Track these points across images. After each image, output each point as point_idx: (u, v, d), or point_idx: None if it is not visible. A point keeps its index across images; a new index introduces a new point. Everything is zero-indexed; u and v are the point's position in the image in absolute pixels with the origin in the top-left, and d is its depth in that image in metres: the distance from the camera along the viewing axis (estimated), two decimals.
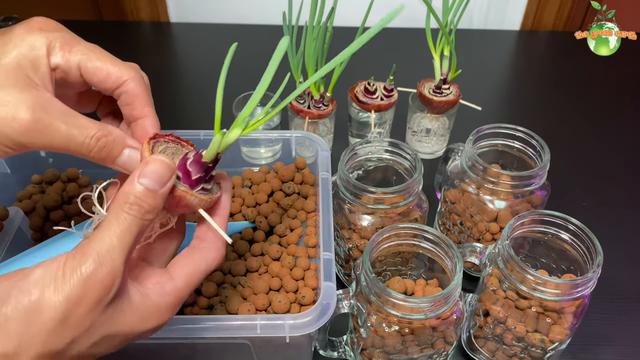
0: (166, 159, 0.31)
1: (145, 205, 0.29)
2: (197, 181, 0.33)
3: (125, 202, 0.29)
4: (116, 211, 0.29)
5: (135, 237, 0.29)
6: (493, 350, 0.50)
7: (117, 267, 0.28)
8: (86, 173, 0.62)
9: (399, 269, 0.53)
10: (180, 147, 0.35)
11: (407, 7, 0.33)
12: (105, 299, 0.28)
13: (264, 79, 0.33)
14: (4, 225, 0.53)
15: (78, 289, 0.27)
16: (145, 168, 0.30)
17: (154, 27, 1.08)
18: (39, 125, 0.31)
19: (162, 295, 0.31)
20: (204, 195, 0.34)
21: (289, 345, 0.45)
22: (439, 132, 0.74)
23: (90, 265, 0.27)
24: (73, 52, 0.33)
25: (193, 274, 0.33)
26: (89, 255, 0.28)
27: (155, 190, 0.30)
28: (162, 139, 0.34)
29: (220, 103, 0.33)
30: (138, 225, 0.29)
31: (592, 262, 0.45)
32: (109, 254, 0.28)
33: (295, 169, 0.61)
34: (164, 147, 0.34)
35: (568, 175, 0.74)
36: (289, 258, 0.53)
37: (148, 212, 0.30)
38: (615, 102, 0.89)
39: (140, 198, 0.29)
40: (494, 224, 0.55)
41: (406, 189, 0.51)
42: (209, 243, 0.35)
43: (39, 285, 0.27)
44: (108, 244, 0.28)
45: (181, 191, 0.32)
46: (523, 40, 1.07)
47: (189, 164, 0.33)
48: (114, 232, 0.29)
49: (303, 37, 0.63)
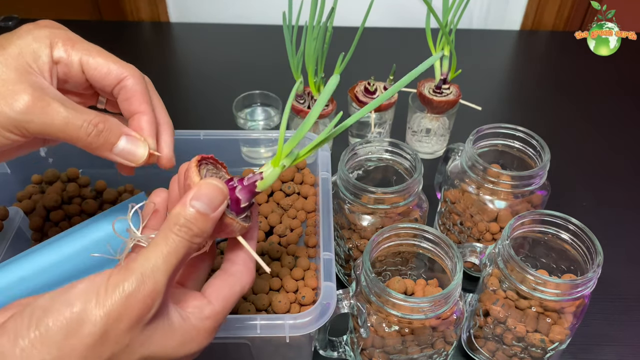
0: (219, 184, 0.31)
1: (195, 229, 0.29)
2: (244, 209, 0.34)
3: (175, 223, 0.29)
4: (165, 232, 0.29)
5: (180, 260, 0.29)
6: (493, 350, 0.50)
7: (160, 287, 0.28)
8: (86, 173, 0.62)
9: (399, 269, 0.53)
10: (218, 171, 0.35)
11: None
12: (146, 317, 0.28)
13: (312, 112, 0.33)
14: (4, 225, 0.53)
15: (119, 305, 0.27)
16: (199, 191, 0.30)
17: (154, 27, 1.08)
18: (39, 103, 0.32)
19: (202, 319, 0.31)
20: (245, 223, 0.34)
21: (289, 345, 0.45)
22: (439, 132, 0.74)
23: (133, 282, 0.27)
24: (76, 48, 0.35)
25: (229, 297, 0.33)
26: (132, 272, 0.28)
27: (207, 214, 0.30)
28: (204, 161, 0.34)
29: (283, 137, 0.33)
30: (185, 247, 0.29)
31: (592, 262, 0.45)
32: (152, 273, 0.28)
33: (295, 169, 0.61)
34: (206, 169, 0.34)
35: (568, 175, 0.74)
36: (289, 258, 0.53)
37: (197, 236, 0.30)
38: (616, 102, 0.89)
39: (191, 221, 0.29)
40: (494, 224, 0.55)
41: (406, 189, 0.51)
42: (241, 266, 0.34)
43: (81, 298, 0.27)
44: (153, 263, 0.28)
45: (229, 218, 0.32)
46: (523, 40, 1.07)
47: (239, 191, 0.33)
48: (160, 252, 0.29)
49: (303, 37, 0.63)
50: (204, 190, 0.30)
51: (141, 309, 0.27)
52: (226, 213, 0.32)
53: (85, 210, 0.57)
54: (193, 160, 0.33)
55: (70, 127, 0.32)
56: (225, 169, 0.36)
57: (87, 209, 0.57)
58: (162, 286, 0.28)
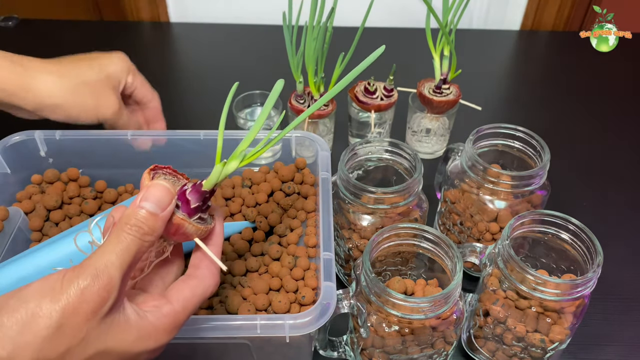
0: (167, 184, 0.33)
1: (145, 227, 0.31)
2: (195, 210, 0.35)
3: (127, 223, 0.31)
4: (117, 231, 0.31)
5: (133, 256, 0.30)
6: (493, 350, 0.50)
7: (114, 282, 0.29)
8: (86, 173, 0.62)
9: (399, 269, 0.53)
10: (177, 180, 0.36)
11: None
12: (101, 310, 0.28)
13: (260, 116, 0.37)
14: (4, 225, 0.53)
15: (74, 299, 0.28)
16: (147, 192, 0.32)
17: (154, 27, 1.08)
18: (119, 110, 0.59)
19: (159, 317, 0.32)
20: (200, 225, 0.35)
21: (289, 345, 0.45)
22: (439, 132, 0.74)
23: (88, 277, 0.28)
24: (136, 78, 0.61)
25: (190, 298, 0.34)
26: (86, 268, 0.29)
27: (156, 213, 0.31)
28: (160, 170, 0.36)
29: (222, 135, 0.36)
30: (137, 245, 0.31)
31: (592, 262, 0.45)
32: (106, 268, 0.29)
33: (295, 169, 0.61)
34: (162, 178, 0.35)
35: (568, 175, 0.74)
36: (289, 258, 0.53)
37: (147, 234, 0.31)
38: (615, 101, 0.89)
39: (141, 220, 0.31)
40: (494, 224, 0.55)
41: (406, 189, 0.51)
42: (204, 270, 0.36)
43: (37, 295, 0.28)
44: (107, 259, 0.29)
45: (179, 219, 0.33)
46: (523, 40, 1.07)
47: (189, 193, 0.34)
48: (112, 249, 0.30)
49: (303, 37, 0.63)
50: (151, 191, 0.32)
51: (97, 302, 0.28)
52: (176, 213, 0.33)
53: (85, 211, 0.57)
54: (146, 170, 0.35)
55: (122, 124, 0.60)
56: (188, 179, 0.37)
57: (87, 209, 0.57)
58: (116, 280, 0.29)
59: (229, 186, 0.61)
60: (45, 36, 0.99)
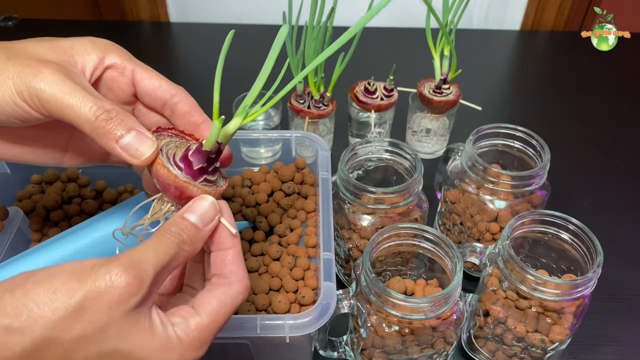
0: (214, 199, 0.32)
1: (184, 236, 0.31)
2: (199, 172, 0.33)
3: (169, 228, 0.30)
4: (157, 234, 0.30)
5: (169, 260, 0.29)
6: (493, 350, 0.50)
7: (147, 277, 0.28)
8: (86, 173, 0.62)
9: (399, 269, 0.53)
10: (185, 141, 0.35)
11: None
12: (126, 303, 0.27)
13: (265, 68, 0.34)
14: (4, 225, 0.53)
15: (100, 284, 0.26)
16: (193, 204, 0.32)
17: (154, 27, 1.08)
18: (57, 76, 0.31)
19: (186, 330, 0.30)
20: (207, 187, 0.33)
21: (289, 345, 0.45)
22: (439, 132, 0.74)
23: (120, 265, 0.27)
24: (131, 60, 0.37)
25: (219, 310, 0.31)
26: (121, 258, 0.27)
27: (198, 226, 0.31)
28: (165, 132, 0.34)
29: (219, 88, 0.33)
30: (175, 250, 0.30)
31: (592, 262, 0.45)
32: (141, 262, 0.28)
33: (295, 169, 0.61)
34: (167, 140, 0.34)
35: (568, 175, 0.74)
36: (289, 258, 0.53)
37: (186, 243, 0.31)
38: (615, 101, 0.89)
39: (182, 229, 0.31)
40: (494, 224, 0.55)
41: (406, 189, 0.51)
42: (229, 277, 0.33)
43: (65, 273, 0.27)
44: (142, 254, 0.28)
45: (182, 182, 0.32)
46: (523, 40, 1.07)
47: (191, 154, 0.33)
48: (150, 247, 0.29)
49: (303, 37, 0.63)
50: (197, 203, 0.32)
51: (123, 292, 0.27)
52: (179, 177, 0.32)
53: (85, 210, 0.57)
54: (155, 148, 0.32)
55: (80, 106, 0.31)
56: (197, 140, 0.36)
57: (87, 209, 0.57)
58: (149, 276, 0.28)
59: (229, 186, 0.61)
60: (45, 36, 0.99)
